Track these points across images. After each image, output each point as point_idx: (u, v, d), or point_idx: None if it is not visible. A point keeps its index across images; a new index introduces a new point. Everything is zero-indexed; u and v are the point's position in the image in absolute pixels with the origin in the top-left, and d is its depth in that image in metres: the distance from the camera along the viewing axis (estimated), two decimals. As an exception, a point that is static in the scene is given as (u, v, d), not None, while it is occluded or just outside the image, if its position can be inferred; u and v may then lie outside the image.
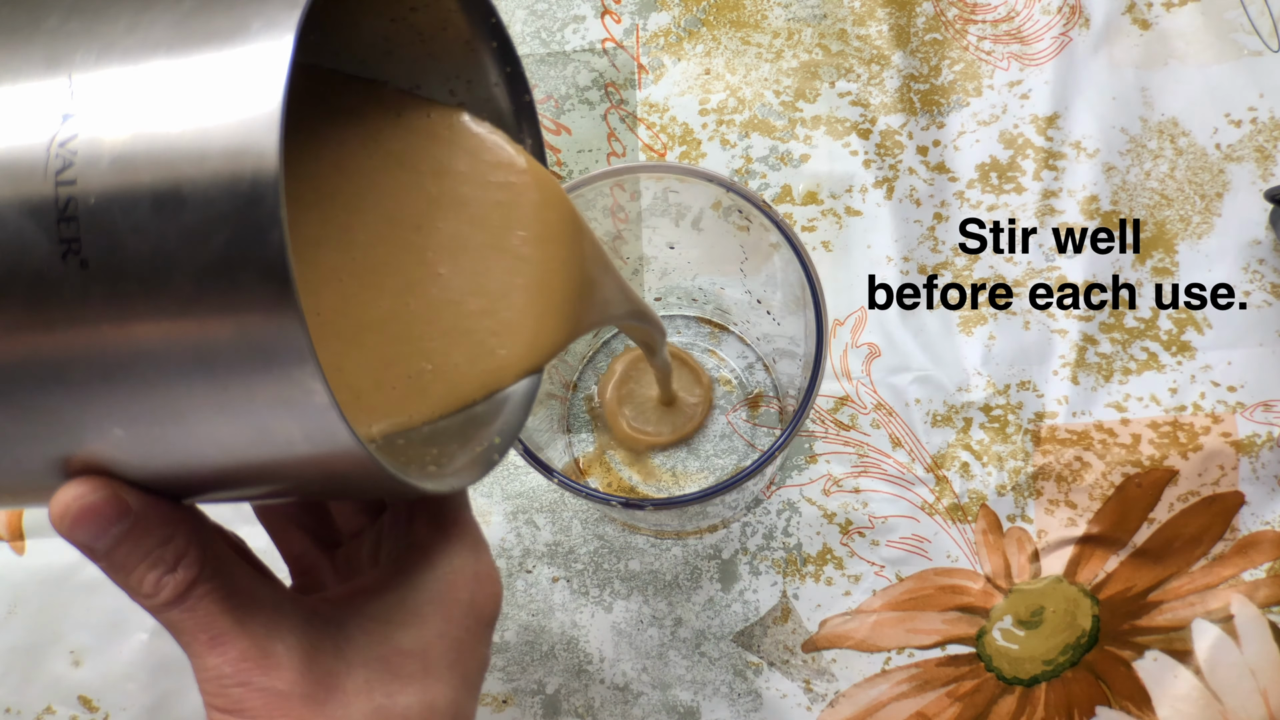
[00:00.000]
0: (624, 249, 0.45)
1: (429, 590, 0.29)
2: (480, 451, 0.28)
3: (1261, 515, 0.46)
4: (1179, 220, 0.48)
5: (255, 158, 0.20)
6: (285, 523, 0.34)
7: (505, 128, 0.31)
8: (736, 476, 0.38)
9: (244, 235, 0.20)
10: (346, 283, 0.29)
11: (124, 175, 0.21)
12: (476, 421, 0.30)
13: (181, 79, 0.21)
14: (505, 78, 0.31)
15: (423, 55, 0.30)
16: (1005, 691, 0.46)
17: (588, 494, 0.38)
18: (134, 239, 0.20)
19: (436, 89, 0.31)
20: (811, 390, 0.38)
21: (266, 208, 0.20)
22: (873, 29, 0.50)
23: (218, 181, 0.20)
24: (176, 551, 0.26)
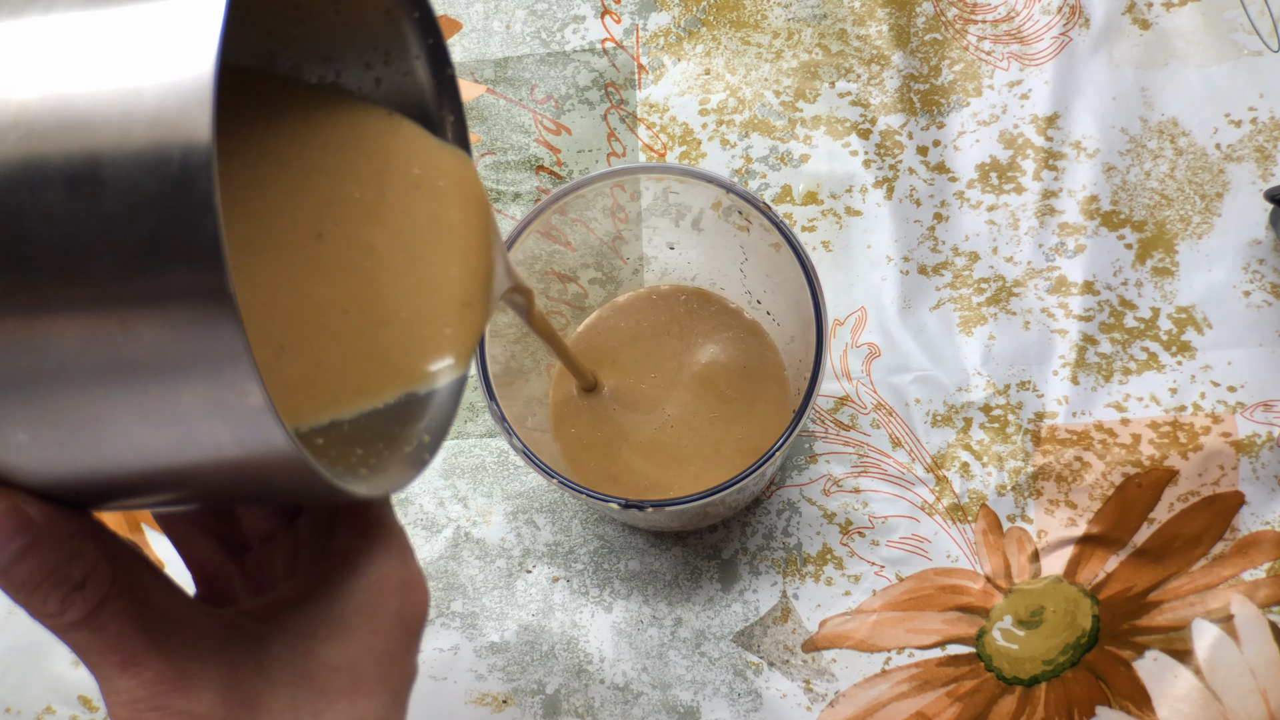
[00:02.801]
0: (624, 249, 0.45)
1: (355, 600, 0.28)
2: (410, 451, 0.27)
3: (1261, 515, 0.46)
4: (1179, 220, 0.48)
5: (185, 134, 0.18)
6: (189, 527, 0.32)
7: (425, 102, 0.29)
8: (736, 477, 0.38)
9: (173, 223, 0.18)
10: (263, 278, 0.26)
11: (32, 152, 0.18)
12: (402, 420, 0.28)
13: (102, 38, 0.19)
14: (426, 50, 0.29)
15: (338, 25, 0.28)
16: (1005, 691, 0.46)
17: (588, 494, 0.38)
18: (44, 226, 0.18)
19: (351, 63, 0.29)
20: (811, 390, 0.38)
21: (199, 191, 0.18)
22: (873, 29, 0.50)
23: (142, 161, 0.18)
24: (84, 567, 0.24)
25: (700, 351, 0.46)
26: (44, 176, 0.18)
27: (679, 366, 0.46)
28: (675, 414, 0.45)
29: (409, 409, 0.28)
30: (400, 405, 0.28)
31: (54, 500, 0.23)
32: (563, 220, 0.42)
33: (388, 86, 0.29)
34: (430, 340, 0.28)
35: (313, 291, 0.27)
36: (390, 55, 0.29)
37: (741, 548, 0.47)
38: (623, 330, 0.47)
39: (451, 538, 0.48)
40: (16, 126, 0.19)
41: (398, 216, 0.29)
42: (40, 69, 0.19)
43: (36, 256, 0.18)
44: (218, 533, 0.32)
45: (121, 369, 0.19)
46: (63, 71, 0.19)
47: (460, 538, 0.48)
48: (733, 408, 0.45)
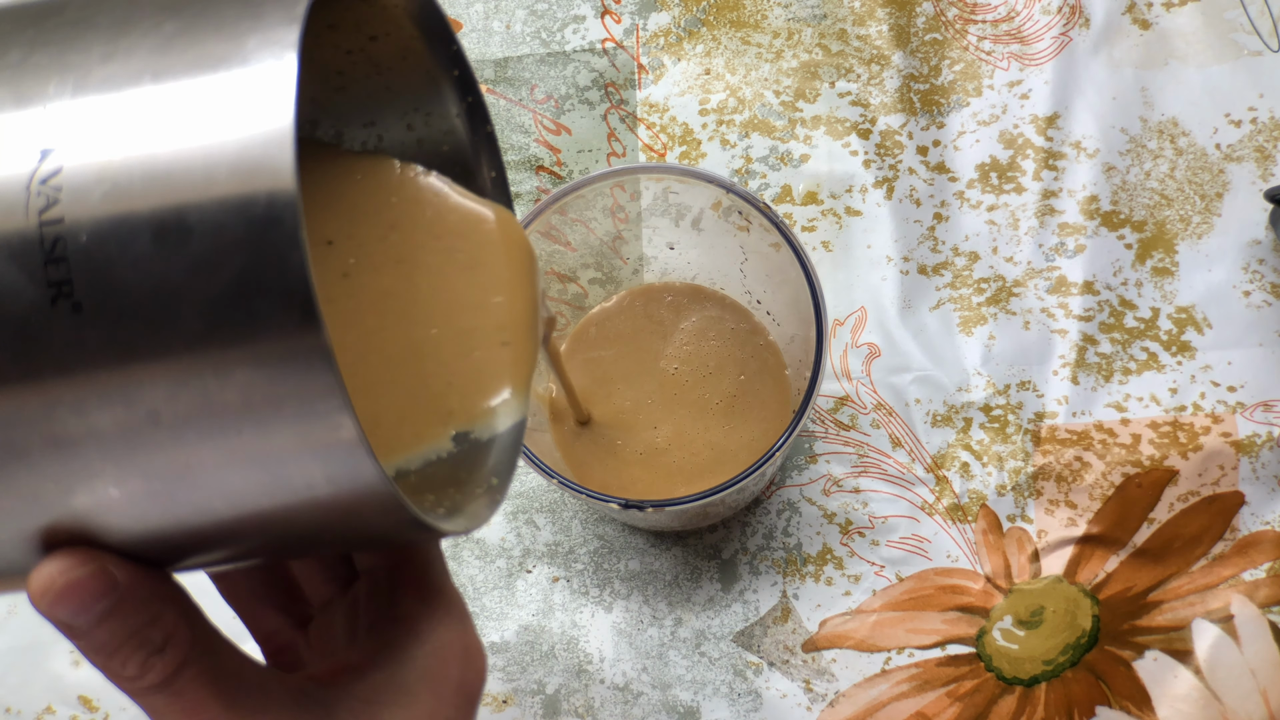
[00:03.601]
0: (624, 249, 0.45)
1: (418, 667, 0.28)
2: (481, 493, 0.27)
3: (1261, 515, 0.46)
4: (1179, 220, 0.48)
5: (270, 176, 0.18)
6: (255, 601, 0.32)
7: (465, 159, 0.30)
8: (736, 478, 0.38)
9: (261, 261, 0.18)
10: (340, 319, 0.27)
11: (119, 206, 0.19)
12: (468, 466, 0.28)
13: (177, 102, 0.20)
14: (466, 108, 0.29)
15: (379, 89, 0.29)
16: (1005, 691, 0.46)
17: (588, 495, 0.38)
18: (134, 275, 0.19)
19: (393, 125, 0.29)
20: (812, 390, 0.38)
21: (285, 229, 0.18)
22: (873, 29, 0.50)
23: (228, 205, 0.19)
24: (164, 630, 0.23)
25: (698, 351, 0.46)
26: (131, 228, 0.19)
27: (677, 366, 0.46)
28: (674, 414, 0.45)
29: (473, 455, 0.28)
30: (463, 453, 0.28)
31: (136, 559, 0.22)
32: (563, 220, 0.42)
33: (429, 147, 0.30)
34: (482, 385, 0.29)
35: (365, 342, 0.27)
36: (431, 115, 0.29)
37: (741, 548, 0.47)
38: (620, 330, 0.47)
39: (452, 538, 0.48)
40: (101, 182, 0.19)
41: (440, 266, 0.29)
42: (121, 129, 0.19)
43: (126, 306, 0.19)
44: (281, 604, 0.32)
45: (213, 413, 0.19)
46: (144, 131, 0.19)
47: (460, 538, 0.48)
48: (732, 408, 0.45)
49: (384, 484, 0.20)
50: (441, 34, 0.28)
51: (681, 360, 0.46)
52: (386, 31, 0.27)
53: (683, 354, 0.46)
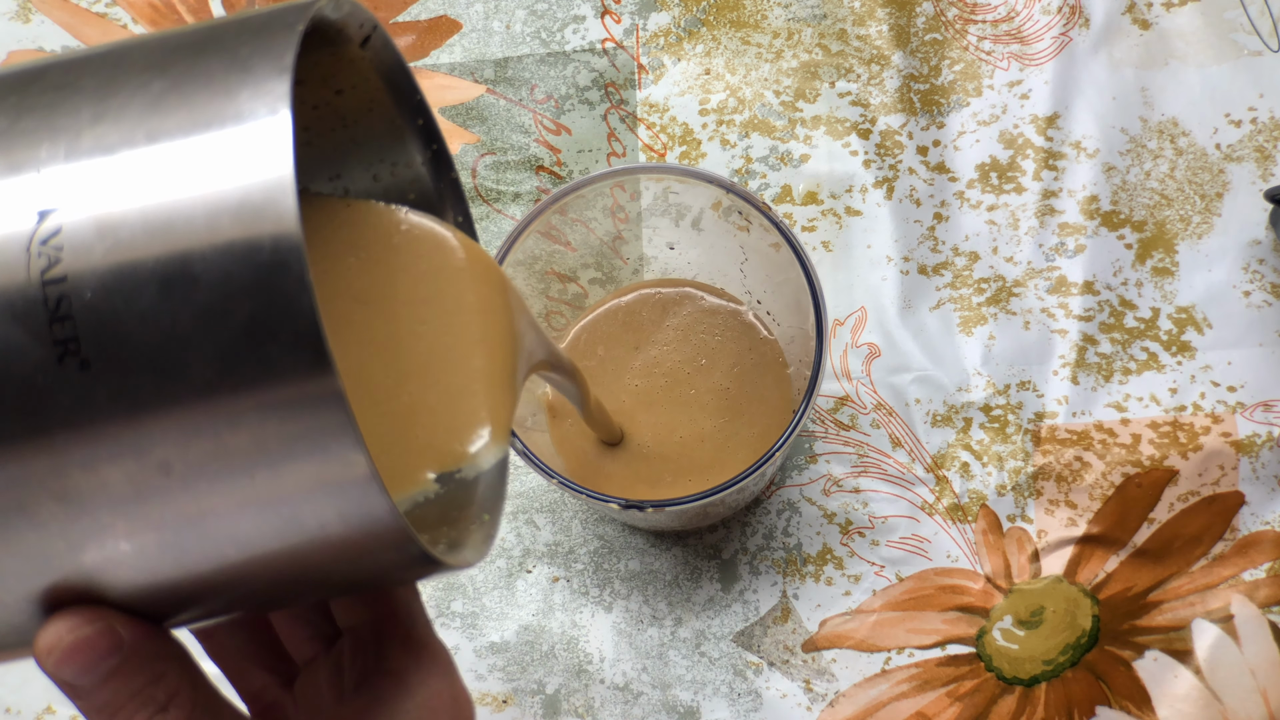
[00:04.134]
0: (624, 249, 0.45)
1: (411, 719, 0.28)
2: (475, 529, 0.27)
3: (1261, 515, 0.46)
4: (1179, 220, 0.48)
5: (274, 221, 0.19)
6: (241, 659, 0.32)
7: (431, 205, 0.30)
8: (737, 478, 0.38)
9: (269, 306, 0.18)
10: None
11: (124, 260, 0.19)
12: (457, 505, 0.28)
13: (173, 157, 0.20)
14: (430, 157, 0.30)
15: (345, 141, 0.29)
16: (1005, 691, 0.46)
17: (588, 495, 0.38)
18: (141, 328, 0.19)
19: (359, 176, 0.30)
20: (812, 390, 0.38)
21: (293, 273, 0.18)
22: (873, 29, 0.50)
23: (233, 252, 0.19)
24: (168, 690, 0.23)
25: (698, 350, 0.46)
26: (137, 280, 0.19)
27: (676, 365, 0.46)
28: (674, 413, 0.45)
29: (460, 494, 0.28)
30: (450, 493, 0.28)
31: (138, 614, 0.22)
32: (563, 220, 0.42)
33: (394, 196, 0.30)
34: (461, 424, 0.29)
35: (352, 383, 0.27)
36: (396, 165, 0.30)
37: (741, 548, 0.47)
38: (619, 328, 0.47)
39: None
40: (103, 238, 0.19)
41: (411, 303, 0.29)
42: (120, 187, 0.20)
43: (135, 360, 0.19)
44: (268, 663, 0.32)
45: (225, 460, 0.19)
46: (143, 186, 0.20)
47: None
48: (732, 407, 0.45)
49: (395, 519, 0.20)
50: (406, 86, 0.28)
51: (681, 359, 0.46)
52: (353, 85, 0.28)
53: (682, 352, 0.46)
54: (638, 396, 0.45)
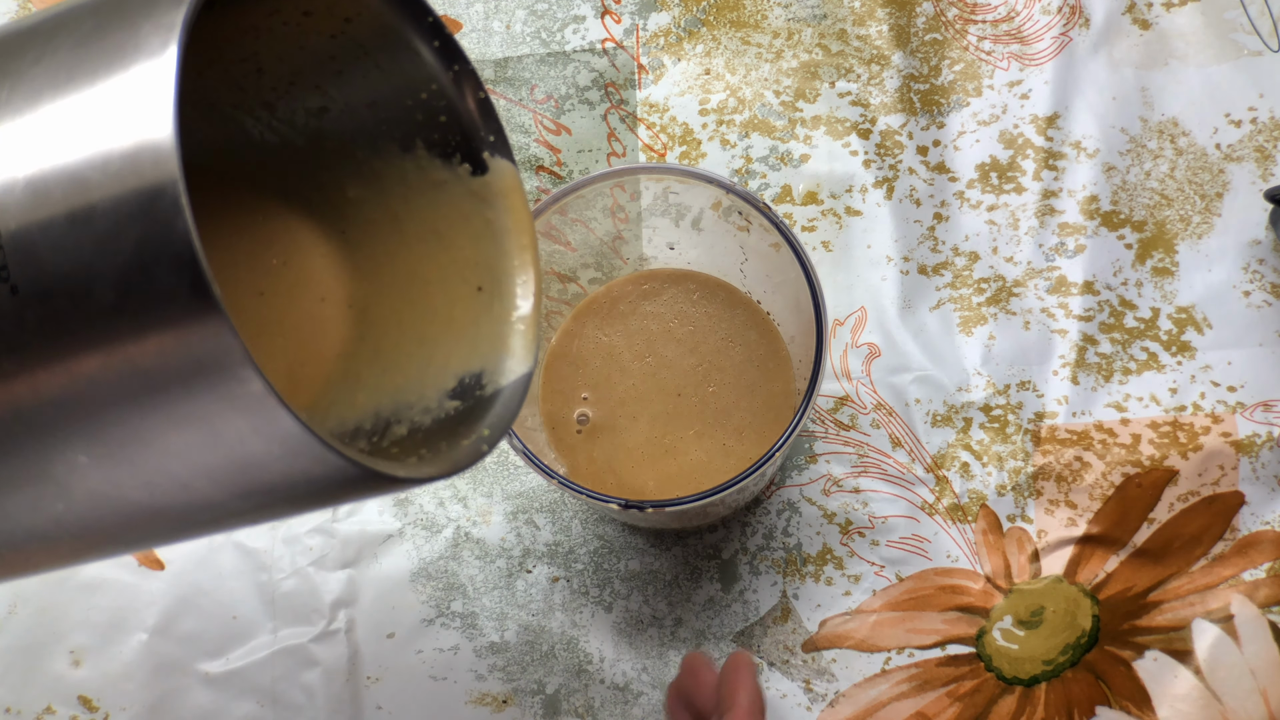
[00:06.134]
0: (624, 249, 0.45)
1: None
2: (467, 444, 0.28)
3: (1261, 515, 0.46)
4: (1179, 220, 0.48)
5: (153, 152, 0.20)
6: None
7: (466, 127, 0.31)
8: (736, 478, 0.38)
9: (152, 230, 0.20)
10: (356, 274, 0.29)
11: (38, 196, 0.21)
12: (468, 420, 0.29)
13: (83, 96, 0.21)
14: (454, 77, 0.31)
15: (371, 69, 0.30)
16: (1005, 691, 0.46)
17: (588, 495, 0.38)
18: (55, 256, 0.21)
19: (393, 100, 0.31)
20: (812, 390, 0.38)
21: (168, 198, 0.20)
22: (873, 29, 0.50)
23: (121, 182, 0.20)
24: None
25: (700, 348, 0.46)
26: (50, 211, 0.21)
27: (677, 362, 0.45)
28: (674, 412, 0.45)
29: (476, 411, 0.30)
30: (467, 409, 0.30)
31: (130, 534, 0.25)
32: (563, 220, 0.42)
33: (429, 118, 0.31)
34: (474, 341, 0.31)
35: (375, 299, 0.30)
36: (421, 89, 0.31)
37: (741, 548, 0.47)
38: (617, 323, 0.46)
39: (451, 538, 0.48)
40: (25, 171, 0.21)
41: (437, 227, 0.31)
42: (39, 125, 0.22)
43: (52, 284, 0.21)
44: None
45: (141, 378, 0.21)
46: (55, 122, 0.21)
47: (460, 538, 0.48)
48: (733, 406, 0.45)
49: (304, 432, 0.21)
50: (413, 6, 0.29)
51: (682, 357, 0.46)
52: (358, 12, 0.29)
53: (683, 350, 0.46)
54: (637, 395, 0.45)
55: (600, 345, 0.46)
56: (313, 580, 0.48)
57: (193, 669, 0.47)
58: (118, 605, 0.48)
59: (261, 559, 0.48)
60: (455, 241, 0.32)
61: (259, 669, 0.47)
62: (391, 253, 0.32)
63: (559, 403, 0.46)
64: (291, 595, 0.47)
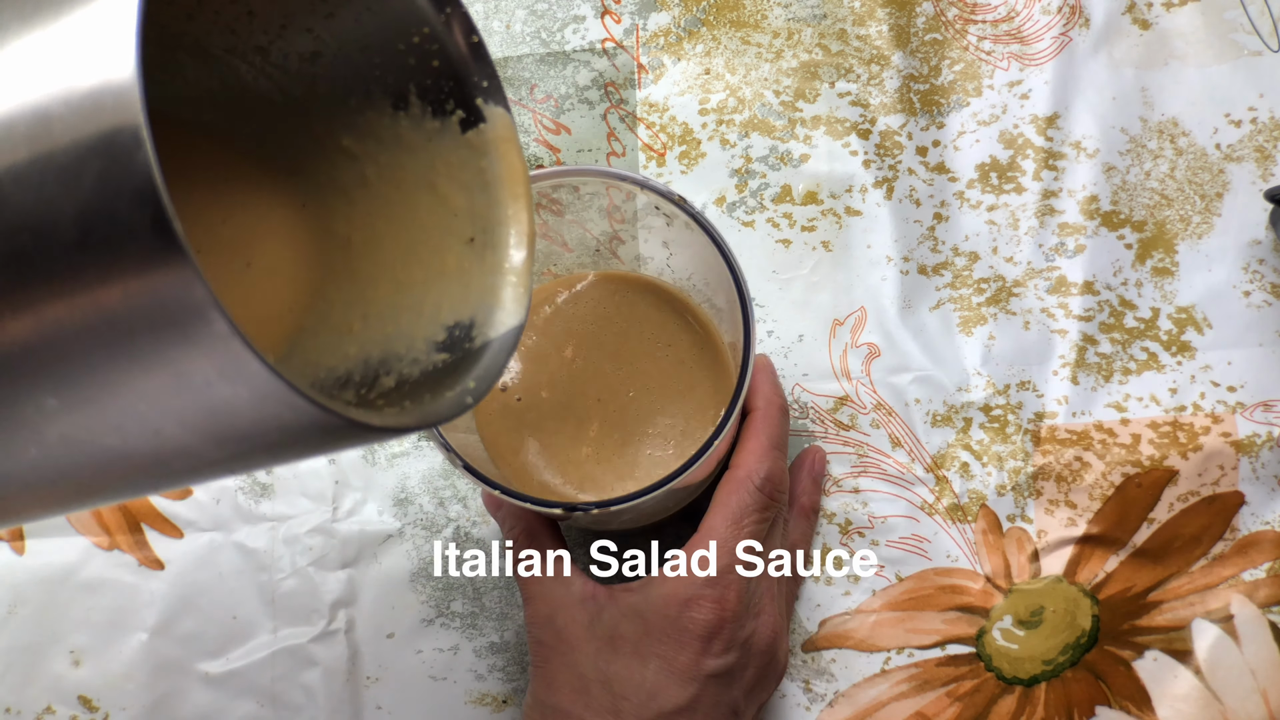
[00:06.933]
0: (621, 249, 0.45)
1: None
2: (451, 395, 0.28)
3: (1261, 515, 0.46)
4: (1179, 220, 0.48)
5: (116, 86, 0.20)
6: None
7: (459, 72, 0.31)
8: (674, 473, 0.36)
9: (113, 165, 0.19)
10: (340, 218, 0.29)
11: (1, 132, 0.21)
12: (455, 372, 0.29)
13: (48, 32, 0.21)
14: (447, 20, 0.30)
15: (362, 11, 0.30)
16: (1005, 691, 0.46)
17: (532, 503, 0.37)
18: (19, 190, 0.20)
19: (386, 45, 0.30)
20: (744, 378, 0.37)
21: (129, 132, 0.19)
22: (873, 29, 0.50)
23: (84, 117, 0.20)
24: None
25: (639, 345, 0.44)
26: (13, 144, 0.20)
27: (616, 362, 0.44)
28: (616, 411, 0.44)
29: (464, 363, 0.29)
30: (455, 362, 0.29)
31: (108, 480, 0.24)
32: (559, 221, 0.42)
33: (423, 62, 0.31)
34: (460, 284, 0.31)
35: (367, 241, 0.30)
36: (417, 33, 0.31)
37: (741, 548, 0.47)
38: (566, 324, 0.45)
39: (451, 538, 0.48)
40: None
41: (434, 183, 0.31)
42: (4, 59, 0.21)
43: (17, 219, 0.20)
44: None
45: (105, 318, 0.20)
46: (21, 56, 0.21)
47: (460, 538, 0.48)
48: (674, 399, 0.44)
49: (271, 376, 0.21)
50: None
51: (625, 358, 0.44)
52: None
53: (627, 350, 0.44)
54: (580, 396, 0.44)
55: (547, 348, 0.45)
56: (313, 580, 0.48)
57: (193, 669, 0.47)
58: (118, 605, 0.48)
59: (261, 559, 0.48)
60: (447, 191, 0.31)
61: (259, 669, 0.47)
62: (385, 204, 0.32)
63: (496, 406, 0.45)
64: (291, 595, 0.47)
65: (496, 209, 0.31)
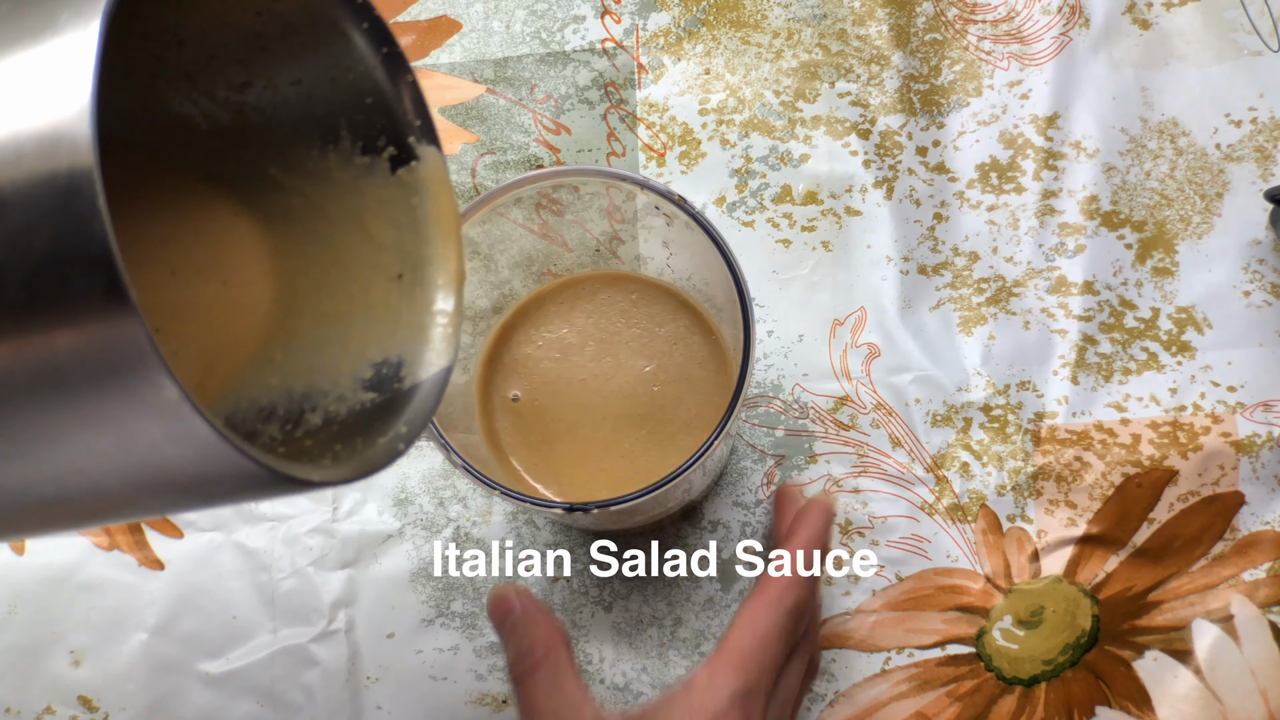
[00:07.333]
0: (621, 250, 0.45)
1: None
2: (384, 442, 0.28)
3: (1261, 515, 0.46)
4: (1179, 220, 0.48)
5: (69, 148, 0.19)
6: None
7: (393, 112, 0.31)
8: (674, 472, 0.37)
9: (67, 230, 0.19)
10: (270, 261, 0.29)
11: None
12: (385, 415, 0.29)
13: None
14: (383, 60, 0.30)
15: (296, 46, 0.29)
16: (1005, 691, 0.46)
17: (532, 503, 0.37)
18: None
19: (319, 80, 0.30)
20: (741, 386, 0.37)
21: (84, 199, 0.19)
22: (873, 29, 0.50)
23: (35, 178, 0.20)
24: None
25: (639, 345, 0.44)
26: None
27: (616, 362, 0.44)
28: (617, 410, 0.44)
29: (394, 405, 0.29)
30: (385, 403, 0.29)
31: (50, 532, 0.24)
32: (559, 221, 0.42)
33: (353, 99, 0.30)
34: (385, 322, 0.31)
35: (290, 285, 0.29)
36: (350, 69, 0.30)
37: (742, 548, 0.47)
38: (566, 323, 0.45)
39: (451, 538, 0.48)
40: None
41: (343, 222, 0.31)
42: None
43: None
44: None
45: (52, 377, 0.20)
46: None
47: (460, 538, 0.48)
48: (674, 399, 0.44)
49: (220, 440, 0.21)
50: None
51: (626, 358, 0.44)
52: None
53: (627, 350, 0.44)
54: (580, 398, 0.44)
55: (548, 347, 0.45)
56: (313, 580, 0.48)
57: (193, 669, 0.47)
58: (118, 605, 0.48)
59: (261, 559, 0.48)
60: (375, 227, 0.31)
61: (259, 669, 0.47)
62: (311, 234, 0.31)
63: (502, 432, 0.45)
64: (291, 595, 0.48)
65: (426, 247, 0.31)
